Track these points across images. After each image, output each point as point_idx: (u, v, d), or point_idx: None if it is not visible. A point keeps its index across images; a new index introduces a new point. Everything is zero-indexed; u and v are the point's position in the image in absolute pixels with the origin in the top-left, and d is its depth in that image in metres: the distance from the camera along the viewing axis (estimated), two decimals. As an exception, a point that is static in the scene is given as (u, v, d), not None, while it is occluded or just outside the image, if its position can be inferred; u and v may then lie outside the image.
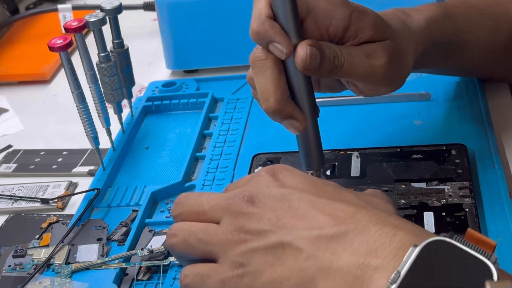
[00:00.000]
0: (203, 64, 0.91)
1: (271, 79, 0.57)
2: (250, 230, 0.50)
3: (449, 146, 0.68)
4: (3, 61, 1.02)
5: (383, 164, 0.67)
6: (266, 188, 0.51)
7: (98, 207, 0.69)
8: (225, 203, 0.52)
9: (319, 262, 0.47)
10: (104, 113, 0.73)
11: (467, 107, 0.75)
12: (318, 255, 0.47)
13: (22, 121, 0.89)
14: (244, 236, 0.50)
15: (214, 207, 0.52)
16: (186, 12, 0.88)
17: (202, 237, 0.52)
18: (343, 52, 0.58)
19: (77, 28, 0.69)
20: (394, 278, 0.43)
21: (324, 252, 0.47)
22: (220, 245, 0.51)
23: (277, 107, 0.58)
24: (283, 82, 0.58)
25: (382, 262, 0.45)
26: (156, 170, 0.74)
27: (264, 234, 0.49)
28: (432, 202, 0.62)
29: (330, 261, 0.46)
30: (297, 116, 0.59)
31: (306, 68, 0.57)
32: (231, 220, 0.51)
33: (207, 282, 0.51)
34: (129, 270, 0.61)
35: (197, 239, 0.52)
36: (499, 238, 0.58)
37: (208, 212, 0.53)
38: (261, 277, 0.49)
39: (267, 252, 0.49)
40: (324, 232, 0.47)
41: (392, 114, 0.76)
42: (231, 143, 0.76)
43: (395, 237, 0.45)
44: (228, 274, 0.50)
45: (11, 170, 0.78)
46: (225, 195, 0.53)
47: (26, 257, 0.63)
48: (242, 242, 0.50)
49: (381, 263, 0.45)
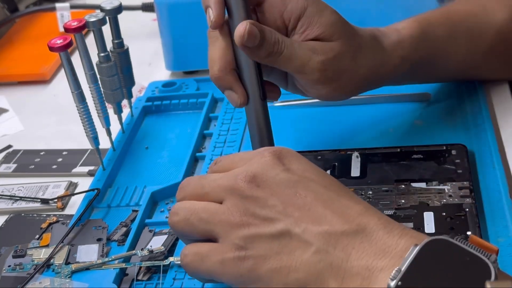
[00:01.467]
0: (203, 65, 0.91)
1: (218, 48, 0.62)
2: (255, 214, 0.50)
3: (449, 146, 0.68)
4: (3, 61, 1.02)
5: (383, 164, 0.67)
6: (272, 170, 0.51)
7: (98, 207, 0.69)
8: (227, 183, 0.52)
9: (329, 258, 0.47)
10: (104, 113, 0.73)
11: (467, 107, 0.75)
12: (328, 251, 0.47)
13: (22, 121, 0.89)
14: (247, 219, 0.50)
15: (216, 188, 0.52)
16: (186, 13, 0.88)
17: (203, 216, 0.52)
18: (286, 41, 0.61)
19: (77, 28, 0.69)
20: (394, 275, 0.44)
21: (334, 249, 0.47)
22: (221, 225, 0.51)
23: (219, 75, 0.61)
24: (229, 55, 0.61)
25: (388, 263, 0.45)
26: (156, 170, 0.74)
27: (270, 221, 0.49)
28: (432, 202, 0.62)
29: (340, 260, 0.47)
30: (236, 89, 0.61)
31: (243, 44, 0.59)
32: (233, 201, 0.51)
33: (206, 262, 0.51)
34: (129, 270, 0.61)
35: (198, 218, 0.52)
36: (499, 238, 0.58)
37: (210, 193, 0.53)
38: (265, 264, 0.49)
39: (272, 240, 0.49)
40: (334, 228, 0.48)
41: (392, 114, 0.76)
42: (231, 143, 0.76)
43: (401, 239, 0.46)
44: (228, 255, 0.50)
45: (11, 170, 0.78)
46: (226, 175, 0.52)
47: (26, 257, 0.63)
48: (245, 225, 0.50)
49: (387, 264, 0.45)
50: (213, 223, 0.51)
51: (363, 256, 0.46)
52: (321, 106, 0.79)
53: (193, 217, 0.52)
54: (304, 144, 0.73)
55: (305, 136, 0.75)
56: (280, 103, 0.81)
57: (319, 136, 0.74)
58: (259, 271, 0.49)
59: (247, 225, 0.50)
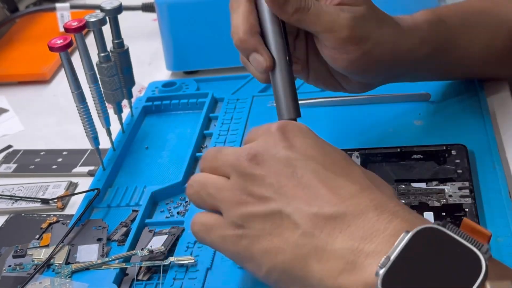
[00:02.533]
0: (203, 65, 0.91)
1: (242, 13, 0.62)
2: (252, 193, 0.50)
3: (449, 146, 0.68)
4: (3, 61, 1.02)
5: (383, 164, 0.68)
6: (273, 148, 0.51)
7: (98, 207, 0.69)
8: (232, 159, 0.52)
9: (314, 241, 0.47)
10: (104, 113, 0.73)
11: (467, 107, 0.75)
12: (314, 234, 0.47)
13: (22, 121, 0.89)
14: (245, 198, 0.51)
15: (225, 163, 0.53)
16: (186, 13, 0.88)
17: (211, 191, 0.53)
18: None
19: (77, 28, 0.69)
20: (383, 262, 0.43)
21: (320, 232, 0.47)
22: (224, 202, 0.52)
23: (244, 38, 0.61)
24: (253, 18, 0.61)
25: (375, 248, 0.45)
26: (156, 170, 0.74)
27: (265, 200, 0.50)
28: (432, 202, 0.62)
29: (325, 243, 0.46)
30: (262, 52, 0.61)
31: None
32: (236, 178, 0.52)
33: (210, 234, 0.53)
34: (129, 270, 0.61)
35: (207, 192, 0.53)
36: (499, 238, 0.58)
37: (219, 167, 0.54)
38: (258, 244, 0.49)
39: (266, 219, 0.49)
40: (323, 210, 0.47)
41: (392, 114, 0.76)
42: (231, 144, 0.76)
43: (391, 223, 0.45)
44: (228, 232, 0.51)
45: (11, 170, 0.78)
46: (236, 150, 0.53)
47: (26, 257, 0.63)
48: (243, 203, 0.51)
49: (374, 249, 0.45)
50: (218, 199, 0.53)
51: (349, 239, 0.46)
52: (321, 106, 0.79)
53: (203, 191, 0.54)
54: (304, 144, 0.73)
55: (305, 136, 0.75)
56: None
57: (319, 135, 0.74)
58: (252, 250, 0.50)
59: (245, 203, 0.50)
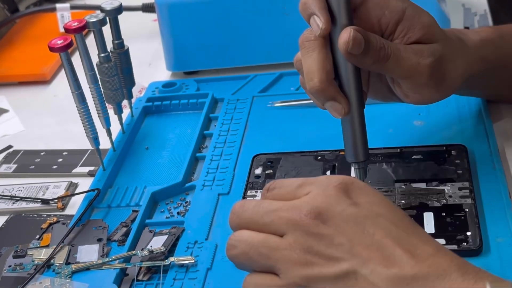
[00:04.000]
0: (203, 66, 0.91)
1: (317, 59, 0.58)
2: (319, 253, 0.47)
3: (449, 147, 0.68)
4: (4, 61, 1.02)
5: (383, 165, 0.68)
6: (338, 205, 0.48)
7: (98, 207, 0.69)
8: (290, 216, 0.49)
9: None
10: (104, 114, 0.73)
11: (467, 107, 0.75)
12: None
13: (22, 121, 0.89)
14: (311, 258, 0.48)
15: (277, 220, 0.49)
16: (186, 14, 0.88)
17: (263, 251, 0.49)
18: (391, 46, 0.58)
19: (77, 28, 0.69)
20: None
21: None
22: (282, 262, 0.48)
23: (321, 87, 0.57)
24: (329, 64, 0.58)
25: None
26: (156, 170, 0.74)
27: (335, 260, 0.47)
28: (432, 202, 0.62)
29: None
30: (339, 99, 0.58)
31: (348, 51, 0.56)
32: (297, 237, 0.48)
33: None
34: (129, 270, 0.61)
35: (257, 252, 0.49)
36: (499, 238, 0.58)
37: (269, 225, 0.50)
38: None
39: (337, 281, 0.47)
40: (404, 272, 0.45)
41: (392, 114, 0.76)
42: (231, 144, 0.76)
43: (477, 284, 0.44)
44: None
45: (11, 170, 0.78)
46: (288, 207, 0.50)
47: (26, 257, 0.63)
48: (308, 264, 0.47)
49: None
50: (273, 259, 0.49)
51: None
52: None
53: (252, 252, 0.50)
54: (305, 144, 0.73)
55: (306, 136, 0.75)
56: (280, 103, 0.81)
57: (319, 136, 0.74)
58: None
59: (311, 264, 0.47)
